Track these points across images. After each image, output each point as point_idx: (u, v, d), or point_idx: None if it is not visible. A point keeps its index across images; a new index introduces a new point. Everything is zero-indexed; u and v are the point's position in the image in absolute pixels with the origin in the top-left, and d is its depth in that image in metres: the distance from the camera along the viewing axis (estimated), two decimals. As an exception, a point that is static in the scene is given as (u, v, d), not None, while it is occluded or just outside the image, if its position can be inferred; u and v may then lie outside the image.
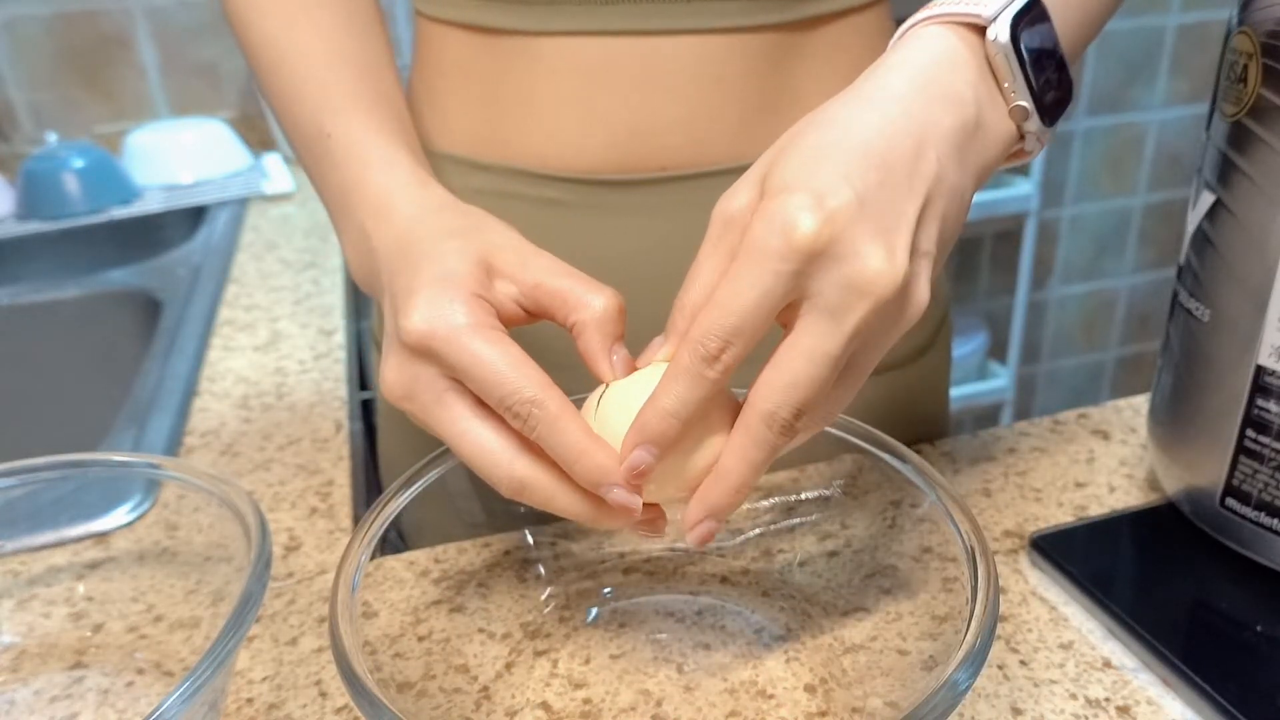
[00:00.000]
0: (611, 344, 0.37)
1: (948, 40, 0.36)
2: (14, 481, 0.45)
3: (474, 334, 0.35)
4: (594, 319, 0.36)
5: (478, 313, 0.36)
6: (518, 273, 0.38)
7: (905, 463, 0.41)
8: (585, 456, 0.34)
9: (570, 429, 0.34)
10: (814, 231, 0.31)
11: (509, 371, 0.34)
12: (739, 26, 0.50)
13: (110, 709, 0.44)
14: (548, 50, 0.51)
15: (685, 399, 0.33)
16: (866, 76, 0.36)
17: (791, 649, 0.44)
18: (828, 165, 0.32)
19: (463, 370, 0.35)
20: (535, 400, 0.34)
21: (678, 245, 0.55)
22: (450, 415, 0.36)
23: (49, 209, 1.12)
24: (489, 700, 0.41)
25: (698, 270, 0.35)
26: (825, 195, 0.31)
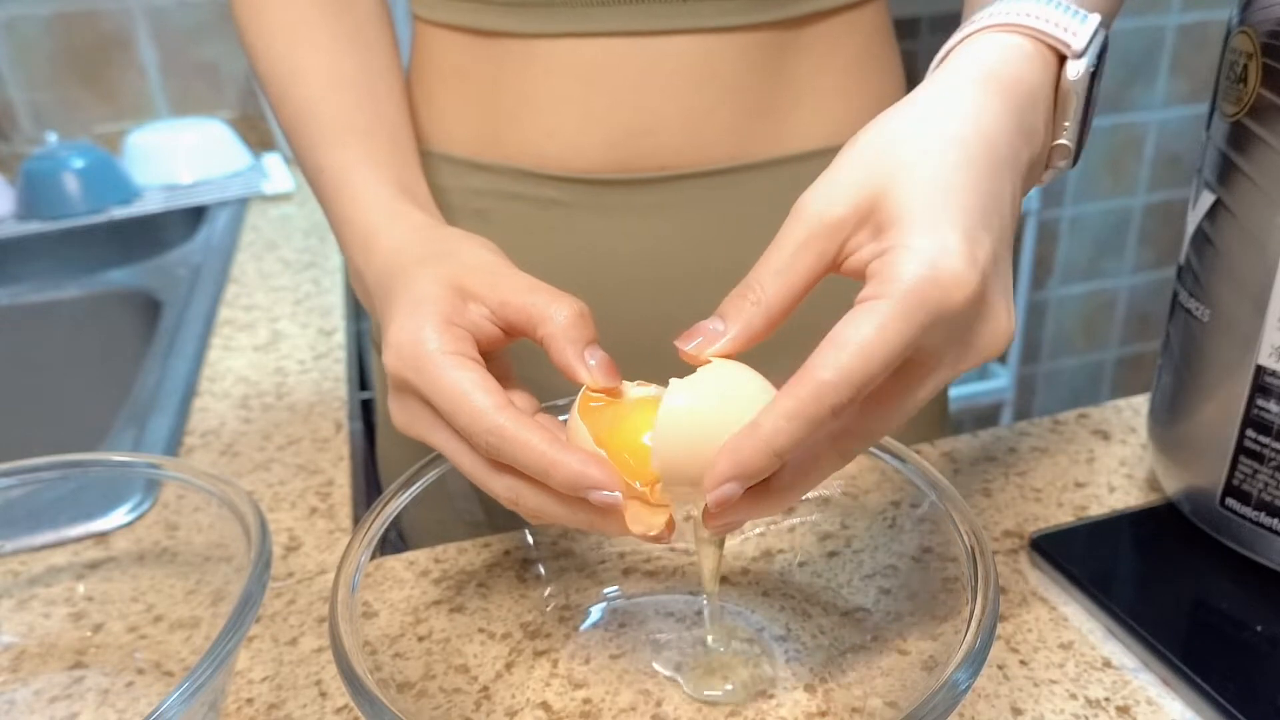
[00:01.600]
0: (583, 349, 0.36)
1: (1037, 67, 0.35)
2: (14, 481, 0.45)
3: (436, 365, 0.35)
4: (560, 329, 0.36)
5: (445, 341, 0.36)
6: (487, 294, 0.37)
7: (905, 463, 0.41)
8: (555, 468, 0.33)
9: (532, 448, 0.33)
10: (974, 290, 0.29)
11: (463, 402, 0.34)
12: (735, 25, 0.50)
13: (110, 709, 0.44)
14: (544, 52, 0.51)
15: (797, 441, 0.30)
16: (964, 88, 0.33)
17: (791, 649, 0.44)
18: (966, 208, 0.30)
19: (431, 404, 0.36)
20: (490, 430, 0.34)
21: (677, 245, 0.55)
22: (440, 441, 0.37)
23: (49, 209, 1.12)
24: (489, 700, 0.41)
25: (782, 267, 0.32)
26: (975, 247, 0.30)
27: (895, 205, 0.31)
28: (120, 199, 1.16)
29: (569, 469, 0.33)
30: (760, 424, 0.30)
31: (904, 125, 0.33)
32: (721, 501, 0.31)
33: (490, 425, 0.34)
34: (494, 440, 0.34)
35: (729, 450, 0.31)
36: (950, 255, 0.29)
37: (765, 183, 0.54)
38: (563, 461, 0.33)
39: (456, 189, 0.57)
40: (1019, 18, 0.35)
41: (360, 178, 0.45)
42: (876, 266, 0.30)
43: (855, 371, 0.29)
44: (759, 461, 0.30)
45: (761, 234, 0.53)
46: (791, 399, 0.29)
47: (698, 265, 0.55)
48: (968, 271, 0.29)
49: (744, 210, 0.54)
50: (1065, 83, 0.35)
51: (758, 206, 0.55)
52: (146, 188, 1.20)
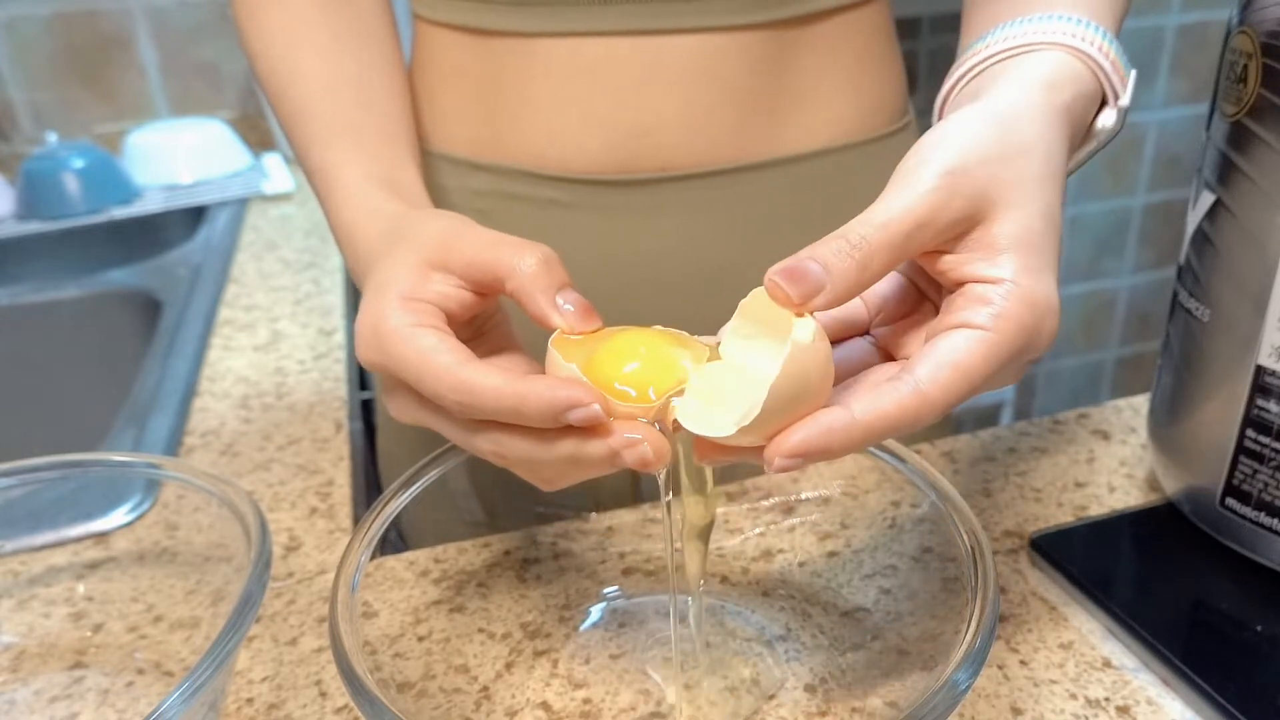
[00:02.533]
0: (554, 295, 0.35)
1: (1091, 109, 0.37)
2: (14, 481, 0.45)
3: (397, 339, 0.34)
4: (527, 278, 0.35)
5: (403, 315, 0.35)
6: (450, 259, 0.37)
7: (905, 463, 0.41)
8: (525, 400, 0.32)
9: (499, 390, 0.32)
10: (1056, 331, 0.32)
11: (425, 367, 0.34)
12: (736, 25, 0.50)
13: (110, 709, 0.44)
14: (545, 51, 0.51)
15: (877, 441, 0.31)
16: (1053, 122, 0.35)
17: (791, 649, 0.44)
18: (1055, 252, 0.33)
19: (405, 381, 0.35)
20: (454, 386, 0.33)
21: (678, 245, 0.55)
22: (426, 418, 0.36)
23: (49, 209, 1.12)
24: (489, 700, 0.41)
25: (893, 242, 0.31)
26: (1056, 303, 0.32)
27: (1007, 235, 0.32)
28: (120, 199, 1.16)
29: (539, 397, 0.32)
30: (859, 419, 0.30)
31: (1026, 140, 0.34)
32: (781, 469, 0.30)
33: (453, 382, 0.33)
34: (462, 397, 0.33)
35: (818, 427, 0.30)
36: (1051, 303, 0.32)
37: (767, 183, 0.54)
38: (531, 391, 0.32)
39: (457, 189, 0.57)
40: (1092, 50, 0.37)
41: (346, 176, 0.45)
42: (984, 294, 0.31)
43: (955, 394, 0.30)
44: (841, 447, 0.30)
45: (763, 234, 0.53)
46: (897, 408, 0.30)
47: (699, 265, 0.55)
48: (1056, 316, 0.32)
49: (745, 210, 0.54)
50: (1096, 129, 0.38)
51: (759, 207, 0.55)
52: (146, 188, 1.20)
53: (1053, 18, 0.37)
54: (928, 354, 0.31)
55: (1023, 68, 0.36)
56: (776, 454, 0.30)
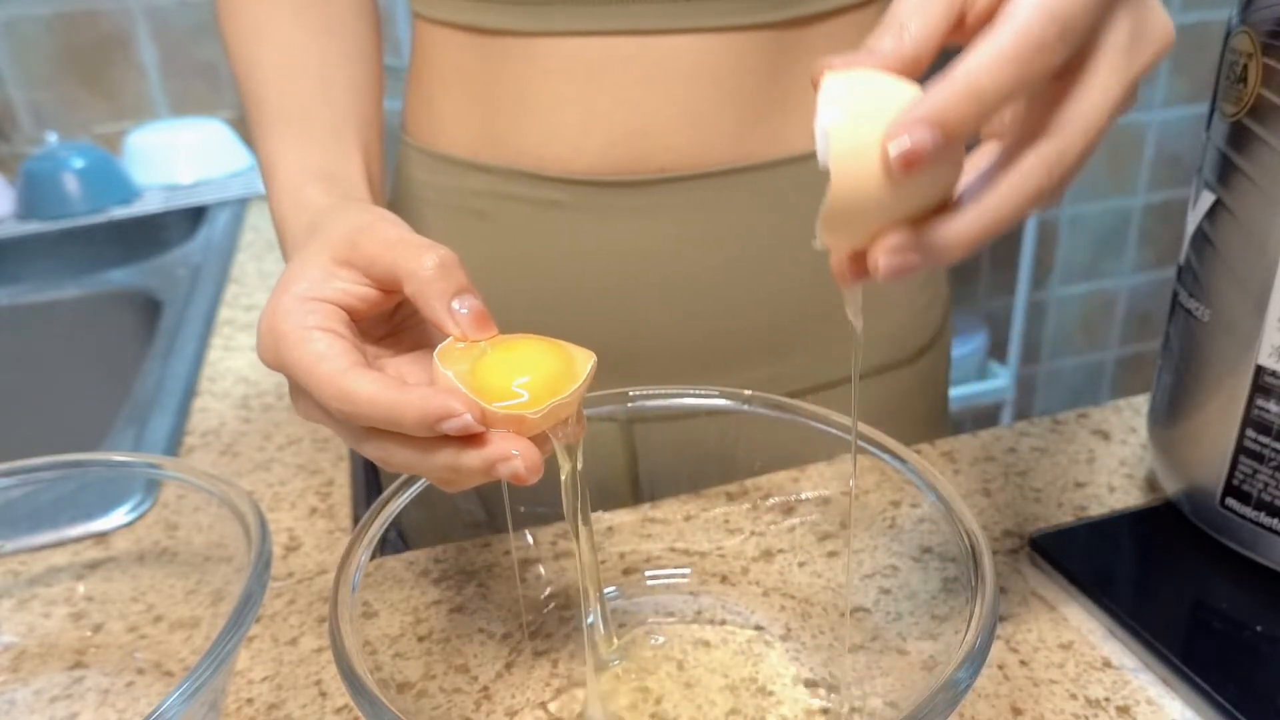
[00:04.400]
0: (449, 300, 0.35)
1: None
2: (14, 481, 0.45)
3: (287, 343, 0.34)
4: (425, 281, 0.35)
5: (296, 317, 0.35)
6: (353, 256, 0.36)
7: (905, 463, 0.41)
8: (400, 409, 0.32)
9: (375, 399, 0.32)
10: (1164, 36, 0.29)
11: (312, 374, 0.34)
12: (736, 25, 0.50)
13: (110, 709, 0.44)
14: (545, 51, 0.51)
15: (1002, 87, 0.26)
16: None
17: (791, 649, 0.44)
18: None
19: (294, 382, 0.35)
20: (335, 395, 0.33)
21: (677, 246, 0.55)
22: (322, 419, 0.36)
23: (49, 209, 1.12)
24: (489, 700, 0.41)
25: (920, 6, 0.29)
26: None
27: None
28: (120, 199, 1.16)
29: (412, 407, 0.32)
30: (954, 73, 0.26)
31: None
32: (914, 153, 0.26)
33: (334, 391, 0.33)
34: (343, 405, 0.33)
35: (924, 98, 0.26)
36: None
37: (766, 184, 0.54)
38: (406, 401, 0.32)
39: (456, 189, 0.57)
40: None
41: (284, 165, 0.44)
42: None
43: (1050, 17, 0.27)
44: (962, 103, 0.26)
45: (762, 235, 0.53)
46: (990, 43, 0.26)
47: (698, 266, 0.55)
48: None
49: (745, 211, 0.54)
50: None
51: (758, 208, 0.55)
52: (146, 188, 1.20)
53: None
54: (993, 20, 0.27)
55: None
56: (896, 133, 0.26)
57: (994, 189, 0.28)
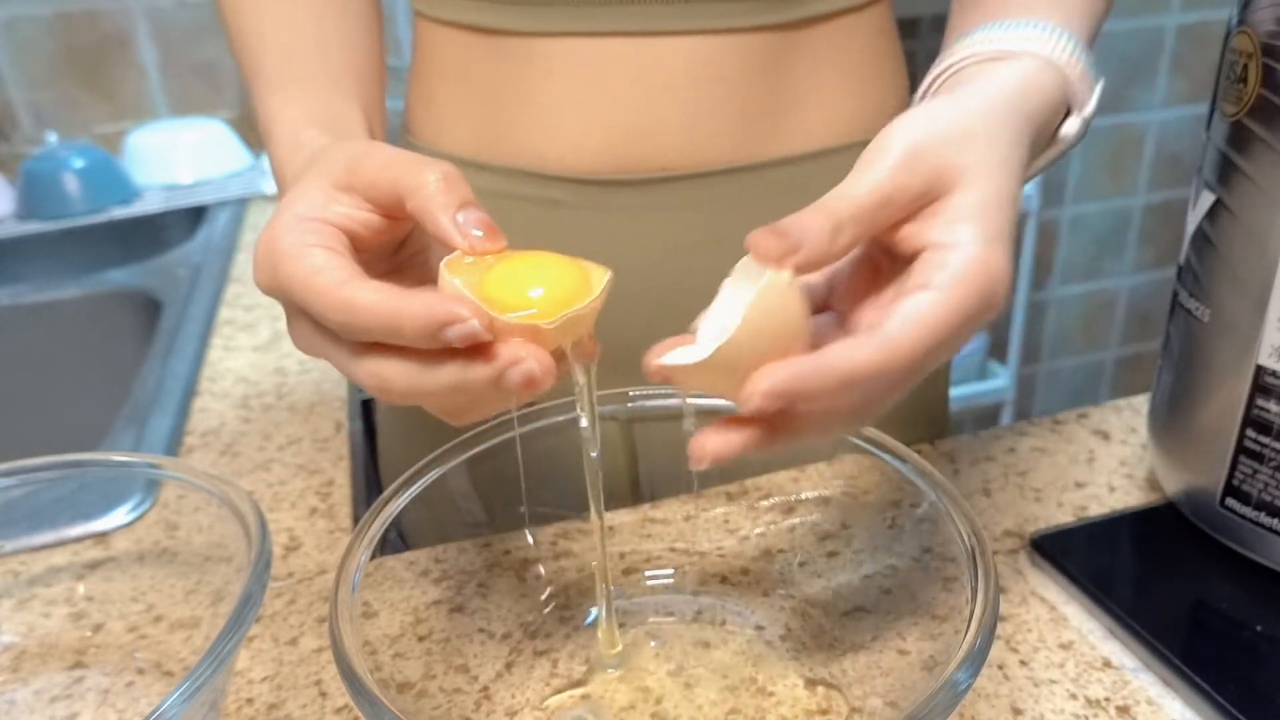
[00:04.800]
0: (454, 212, 0.33)
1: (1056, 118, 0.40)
2: (14, 481, 0.45)
3: (285, 260, 0.33)
4: (427, 195, 0.33)
5: (295, 235, 0.34)
6: (353, 180, 0.35)
7: (905, 463, 0.41)
8: (402, 317, 0.31)
9: (376, 307, 0.31)
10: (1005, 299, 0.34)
11: (310, 287, 0.32)
12: (736, 27, 0.50)
13: (110, 709, 0.44)
14: (545, 51, 0.51)
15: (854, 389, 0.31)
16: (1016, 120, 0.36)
17: (791, 649, 0.44)
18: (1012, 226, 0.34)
19: (296, 304, 0.34)
20: (334, 305, 0.32)
21: (677, 246, 0.55)
22: (319, 346, 0.35)
23: (49, 209, 1.12)
24: (489, 700, 0.41)
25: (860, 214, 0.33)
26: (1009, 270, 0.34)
27: (968, 206, 0.33)
28: (120, 199, 1.15)
29: (415, 313, 0.30)
30: (833, 363, 0.30)
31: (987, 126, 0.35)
32: (758, 410, 0.30)
33: (332, 300, 0.32)
34: (342, 315, 0.32)
35: (796, 369, 0.30)
36: (1006, 272, 0.33)
37: (766, 183, 0.54)
38: (409, 308, 0.31)
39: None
40: (1062, 60, 0.39)
41: (285, 117, 0.44)
42: (944, 259, 0.32)
43: (920, 349, 0.31)
44: (816, 392, 0.30)
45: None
46: (866, 357, 0.30)
47: (698, 265, 0.55)
48: (1008, 283, 0.33)
49: (744, 211, 0.54)
50: (1060, 136, 0.40)
51: (758, 207, 0.54)
52: (146, 188, 1.20)
53: (1029, 25, 0.40)
54: (892, 312, 0.31)
55: (996, 73, 0.38)
56: (753, 390, 0.30)
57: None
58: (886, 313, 0.32)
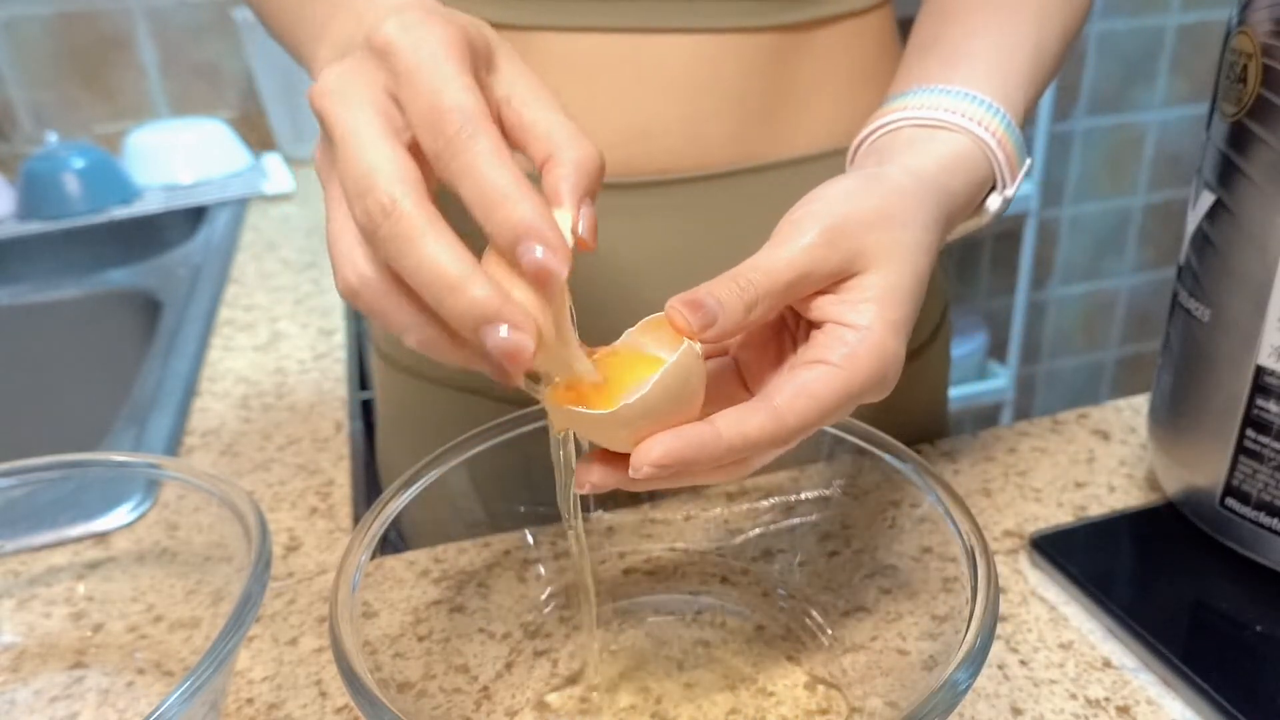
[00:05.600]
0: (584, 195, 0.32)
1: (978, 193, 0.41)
2: (14, 481, 0.45)
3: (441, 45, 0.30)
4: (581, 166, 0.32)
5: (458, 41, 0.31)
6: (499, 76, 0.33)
7: (905, 463, 0.41)
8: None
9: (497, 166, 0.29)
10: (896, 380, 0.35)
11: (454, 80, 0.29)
12: (738, 27, 0.50)
13: (110, 709, 0.44)
14: (545, 47, 0.51)
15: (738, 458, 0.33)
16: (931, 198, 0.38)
17: (791, 649, 0.44)
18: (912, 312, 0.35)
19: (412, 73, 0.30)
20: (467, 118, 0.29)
21: (676, 247, 0.55)
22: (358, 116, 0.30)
23: (49, 209, 1.12)
24: (489, 700, 0.41)
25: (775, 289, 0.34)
26: (901, 357, 0.35)
27: (876, 288, 0.35)
28: (120, 199, 1.16)
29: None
30: (722, 433, 0.31)
31: (904, 209, 0.36)
32: (647, 477, 0.31)
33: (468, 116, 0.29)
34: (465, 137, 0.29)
35: (684, 439, 0.31)
36: (899, 360, 0.35)
37: (764, 185, 0.54)
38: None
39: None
40: (991, 141, 0.41)
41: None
42: (844, 336, 0.34)
43: (809, 424, 0.33)
44: (704, 462, 0.31)
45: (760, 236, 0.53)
46: (757, 428, 0.32)
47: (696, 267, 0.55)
48: (899, 368, 0.35)
49: (743, 213, 0.54)
50: (982, 211, 0.43)
51: (757, 209, 0.54)
52: (146, 188, 1.20)
53: (966, 97, 0.41)
54: (787, 382, 0.33)
55: (925, 146, 0.40)
56: (644, 461, 0.31)
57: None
58: (780, 382, 0.33)
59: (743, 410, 0.32)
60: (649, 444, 0.31)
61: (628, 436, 0.32)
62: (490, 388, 0.55)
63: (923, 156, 0.40)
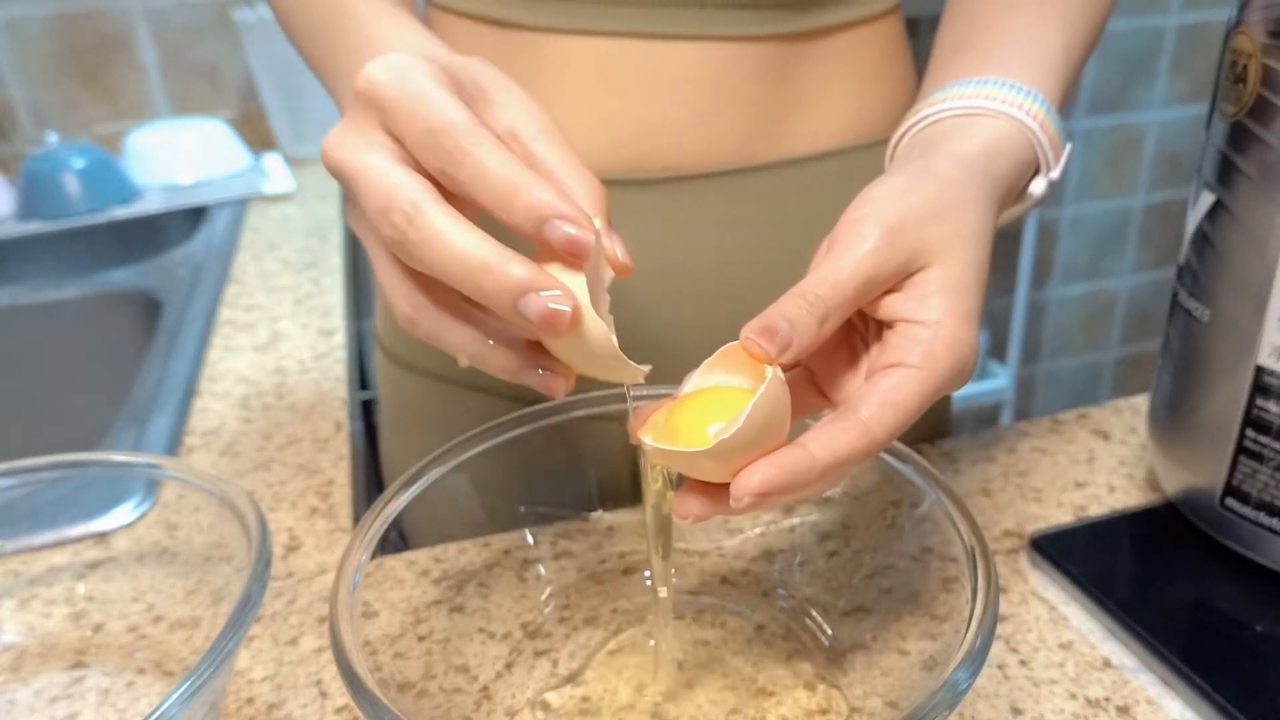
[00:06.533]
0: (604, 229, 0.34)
1: (1024, 178, 0.41)
2: (14, 481, 0.45)
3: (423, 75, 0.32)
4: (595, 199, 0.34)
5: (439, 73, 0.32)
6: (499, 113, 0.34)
7: (905, 463, 0.41)
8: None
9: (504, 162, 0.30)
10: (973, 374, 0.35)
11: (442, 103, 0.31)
12: (749, 35, 0.50)
13: (110, 709, 0.44)
14: (556, 48, 0.51)
15: (832, 479, 0.32)
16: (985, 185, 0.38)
17: (791, 649, 0.44)
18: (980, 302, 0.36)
19: (399, 106, 0.31)
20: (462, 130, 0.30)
21: (682, 245, 0.55)
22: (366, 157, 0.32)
23: (49, 209, 1.12)
24: (489, 700, 0.41)
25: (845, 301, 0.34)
26: (977, 345, 0.35)
27: (941, 281, 0.34)
28: (120, 199, 1.15)
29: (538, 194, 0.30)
30: (815, 456, 0.31)
31: (959, 199, 0.36)
32: (748, 507, 0.31)
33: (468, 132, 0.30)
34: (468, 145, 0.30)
35: (779, 467, 0.31)
36: (974, 349, 0.35)
37: (772, 184, 0.54)
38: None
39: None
40: (1034, 125, 0.41)
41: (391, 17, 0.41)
42: (918, 335, 0.34)
43: (894, 431, 0.33)
44: (800, 486, 0.31)
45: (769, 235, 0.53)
46: (848, 447, 0.32)
47: (702, 265, 0.55)
48: (976, 356, 0.35)
49: (750, 211, 0.54)
50: (1027, 195, 0.42)
51: (764, 207, 0.55)
52: (146, 188, 1.20)
53: (1005, 84, 0.41)
54: (869, 392, 0.33)
55: (968, 133, 0.40)
56: (745, 491, 0.31)
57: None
58: (862, 393, 0.33)
59: (831, 429, 0.32)
60: (747, 474, 0.31)
61: (723, 468, 0.32)
62: (493, 385, 0.55)
63: (966, 143, 0.40)
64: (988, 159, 0.39)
